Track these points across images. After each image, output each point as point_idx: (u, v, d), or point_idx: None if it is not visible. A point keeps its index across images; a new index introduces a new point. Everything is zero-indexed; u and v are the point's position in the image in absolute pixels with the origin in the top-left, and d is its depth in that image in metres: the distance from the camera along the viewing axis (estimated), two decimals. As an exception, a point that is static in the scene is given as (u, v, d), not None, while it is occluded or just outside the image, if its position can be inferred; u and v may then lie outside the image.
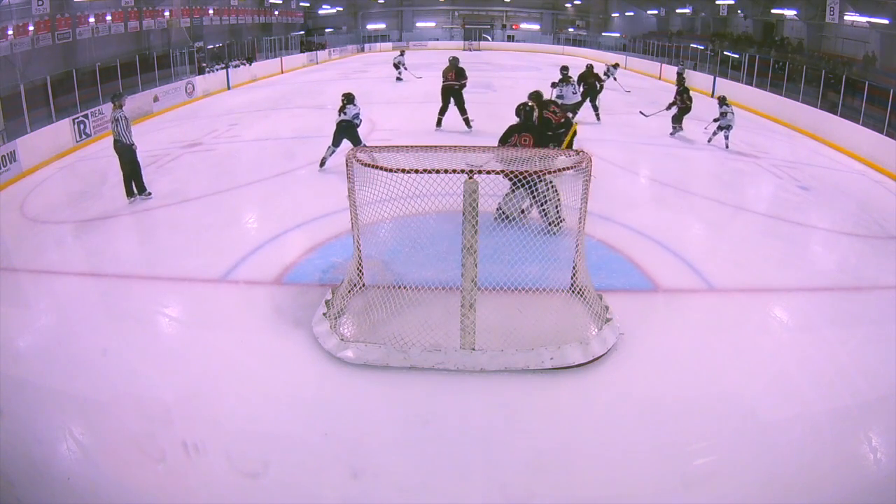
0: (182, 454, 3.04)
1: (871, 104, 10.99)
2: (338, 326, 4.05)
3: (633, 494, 2.86)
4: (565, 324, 4.01)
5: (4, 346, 4.05)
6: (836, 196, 8.01)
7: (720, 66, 17.99)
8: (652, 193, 7.57)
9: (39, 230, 6.32)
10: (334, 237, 5.60)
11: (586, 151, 4.17)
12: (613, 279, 4.84)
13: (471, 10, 36.28)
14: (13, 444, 3.12)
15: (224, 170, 8.42)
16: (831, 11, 17.83)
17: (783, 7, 21.53)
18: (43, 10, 14.29)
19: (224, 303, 4.66)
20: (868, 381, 3.72)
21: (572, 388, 3.58)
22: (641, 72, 22.93)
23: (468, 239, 3.58)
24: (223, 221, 6.33)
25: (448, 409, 3.41)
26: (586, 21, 35.64)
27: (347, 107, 7.70)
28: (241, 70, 18.97)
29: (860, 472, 3.07)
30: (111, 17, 17.29)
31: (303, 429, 3.25)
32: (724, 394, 3.56)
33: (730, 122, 9.87)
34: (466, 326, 3.69)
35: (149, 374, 3.71)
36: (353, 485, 2.89)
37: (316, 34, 31.94)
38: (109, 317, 4.46)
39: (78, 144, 10.28)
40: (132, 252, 5.66)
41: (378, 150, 4.46)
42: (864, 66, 16.92)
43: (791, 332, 4.41)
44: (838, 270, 5.53)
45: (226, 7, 23.83)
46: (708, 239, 6.13)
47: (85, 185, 7.99)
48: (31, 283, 5.11)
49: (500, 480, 2.91)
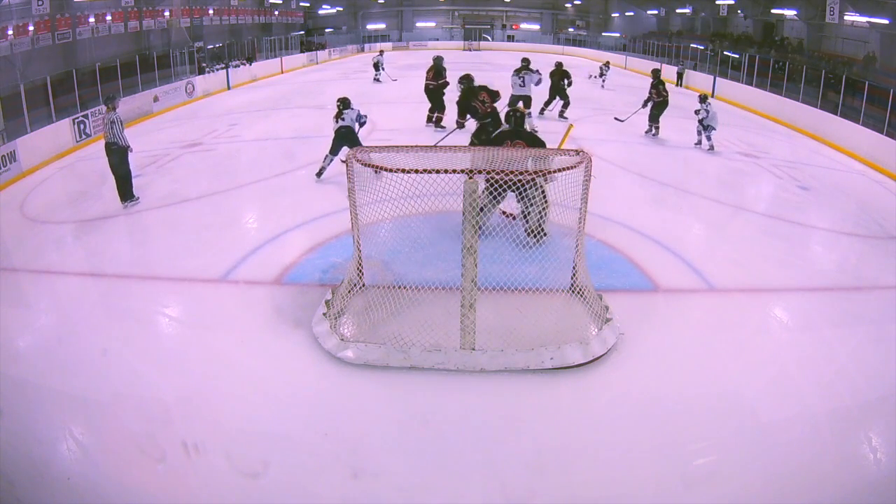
0: (182, 454, 3.04)
1: (871, 104, 11.00)
2: (338, 326, 4.05)
3: (633, 494, 2.86)
4: (565, 324, 4.01)
5: (4, 346, 4.05)
6: (836, 196, 8.01)
7: (720, 66, 17.99)
8: (652, 193, 7.57)
9: (39, 230, 6.32)
10: (334, 237, 5.60)
11: (586, 151, 4.17)
12: (613, 279, 4.84)
13: (471, 10, 36.29)
14: (13, 444, 3.12)
15: (224, 170, 8.42)
16: (831, 11, 17.84)
17: (783, 7, 21.53)
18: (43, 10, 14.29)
19: (224, 303, 4.66)
20: (868, 381, 3.72)
21: (572, 388, 3.58)
22: (642, 72, 22.90)
23: (468, 239, 3.57)
24: (223, 221, 6.33)
25: (448, 409, 3.41)
26: (586, 21, 35.66)
27: (345, 112, 7.46)
28: (241, 70, 18.97)
29: (860, 472, 3.07)
30: (111, 17, 17.29)
31: (303, 429, 3.25)
32: (724, 394, 3.56)
33: (710, 121, 9.47)
34: (466, 326, 3.69)
35: (149, 374, 3.71)
36: (353, 485, 2.89)
37: (316, 34, 31.93)
38: (109, 317, 4.46)
39: (78, 144, 10.28)
40: (132, 252, 5.66)
41: (378, 150, 4.46)
42: (864, 66, 16.92)
43: (791, 332, 4.41)
44: (838, 270, 5.53)
45: (226, 7, 23.83)
46: (708, 239, 6.13)
47: (85, 185, 7.98)
48: (31, 283, 5.11)
49: (500, 480, 2.91)
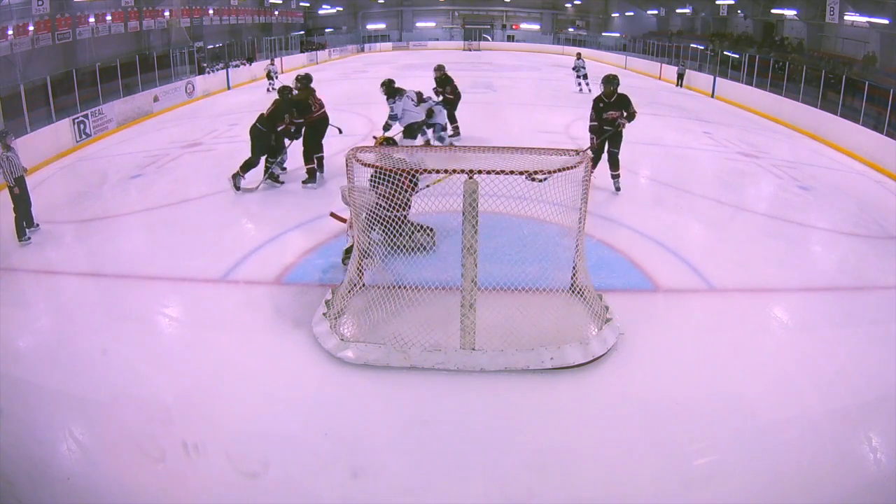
0: (182, 454, 3.04)
1: (871, 104, 10.99)
2: (338, 326, 4.05)
3: (633, 494, 2.86)
4: (565, 324, 4.00)
5: (4, 346, 4.06)
6: (836, 196, 8.00)
7: (720, 66, 17.99)
8: (652, 193, 7.57)
9: (39, 230, 6.32)
10: (334, 237, 5.60)
11: (586, 151, 4.17)
12: (613, 279, 4.84)
13: (471, 10, 36.29)
14: (13, 444, 3.12)
15: (224, 170, 8.39)
16: (831, 11, 17.84)
17: (783, 7, 21.54)
18: (43, 10, 14.30)
19: (224, 303, 4.66)
20: (868, 381, 3.72)
21: (572, 388, 3.57)
22: (641, 72, 22.93)
23: (468, 239, 3.57)
24: (223, 221, 6.33)
25: (448, 409, 3.41)
26: (586, 21, 35.67)
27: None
28: (241, 70, 18.97)
29: (860, 472, 3.07)
30: (111, 17, 17.30)
31: (303, 429, 3.25)
32: (724, 394, 3.56)
33: (578, 68, 15.70)
34: (466, 326, 3.69)
35: (149, 374, 3.71)
36: (353, 485, 2.89)
37: (316, 34, 31.94)
38: (109, 317, 4.46)
39: (78, 144, 10.29)
40: (132, 252, 5.65)
41: (378, 149, 4.46)
42: (864, 66, 16.91)
43: (791, 332, 4.41)
44: (838, 270, 5.53)
45: (226, 7, 23.85)
46: (708, 239, 6.13)
47: (85, 185, 7.99)
48: (31, 283, 5.12)
49: (500, 480, 2.91)
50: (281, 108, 7.13)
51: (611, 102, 6.80)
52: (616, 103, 6.80)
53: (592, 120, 6.97)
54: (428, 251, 4.90)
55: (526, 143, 4.98)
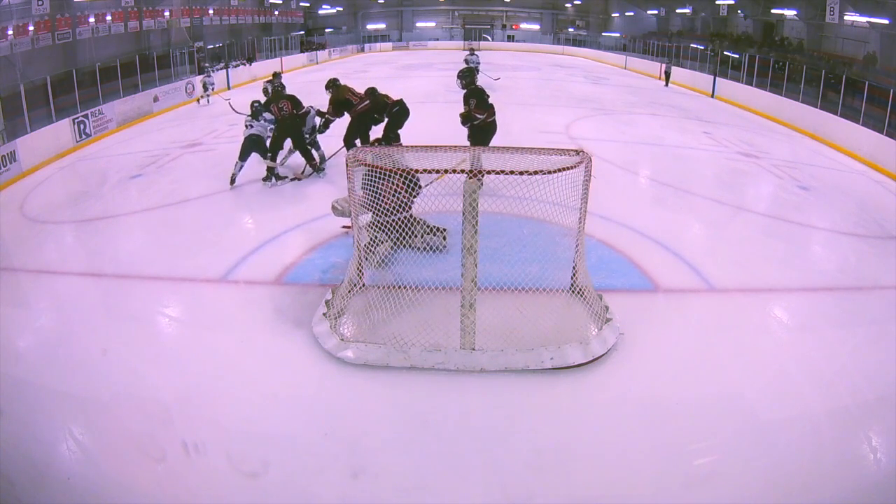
0: (182, 454, 3.05)
1: (871, 104, 10.98)
2: (338, 326, 4.05)
3: (633, 494, 2.86)
4: (565, 324, 4.00)
5: (4, 346, 4.05)
6: (836, 196, 8.00)
7: (720, 66, 17.99)
8: (652, 193, 7.57)
9: (39, 230, 6.31)
10: (334, 237, 5.60)
11: (586, 151, 4.17)
12: (613, 279, 4.84)
13: (471, 10, 36.27)
14: (13, 444, 3.12)
15: (224, 170, 8.39)
16: (831, 11, 17.83)
17: (783, 7, 21.52)
18: (43, 10, 14.28)
19: (224, 303, 4.66)
20: (868, 381, 3.72)
21: (572, 388, 3.58)
22: (642, 72, 22.94)
23: (468, 239, 3.57)
24: (223, 221, 6.33)
25: (448, 409, 3.41)
26: (586, 21, 35.63)
27: (254, 122, 7.34)
28: (241, 70, 18.96)
29: (860, 472, 3.07)
30: (111, 17, 17.27)
31: (303, 429, 3.25)
32: (724, 394, 3.56)
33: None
34: (466, 326, 3.69)
35: (149, 374, 3.71)
36: (353, 485, 2.89)
37: (316, 34, 31.92)
38: (109, 317, 4.46)
39: (78, 144, 10.29)
40: (132, 252, 5.65)
41: (378, 149, 4.46)
42: (864, 66, 16.90)
43: (791, 332, 4.41)
44: (838, 270, 5.53)
45: (226, 7, 23.81)
46: (708, 239, 6.13)
47: (85, 185, 7.99)
48: (31, 283, 5.11)
49: (500, 480, 2.91)
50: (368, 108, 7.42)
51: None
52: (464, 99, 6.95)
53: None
54: (440, 251, 4.95)
55: (526, 143, 4.99)
